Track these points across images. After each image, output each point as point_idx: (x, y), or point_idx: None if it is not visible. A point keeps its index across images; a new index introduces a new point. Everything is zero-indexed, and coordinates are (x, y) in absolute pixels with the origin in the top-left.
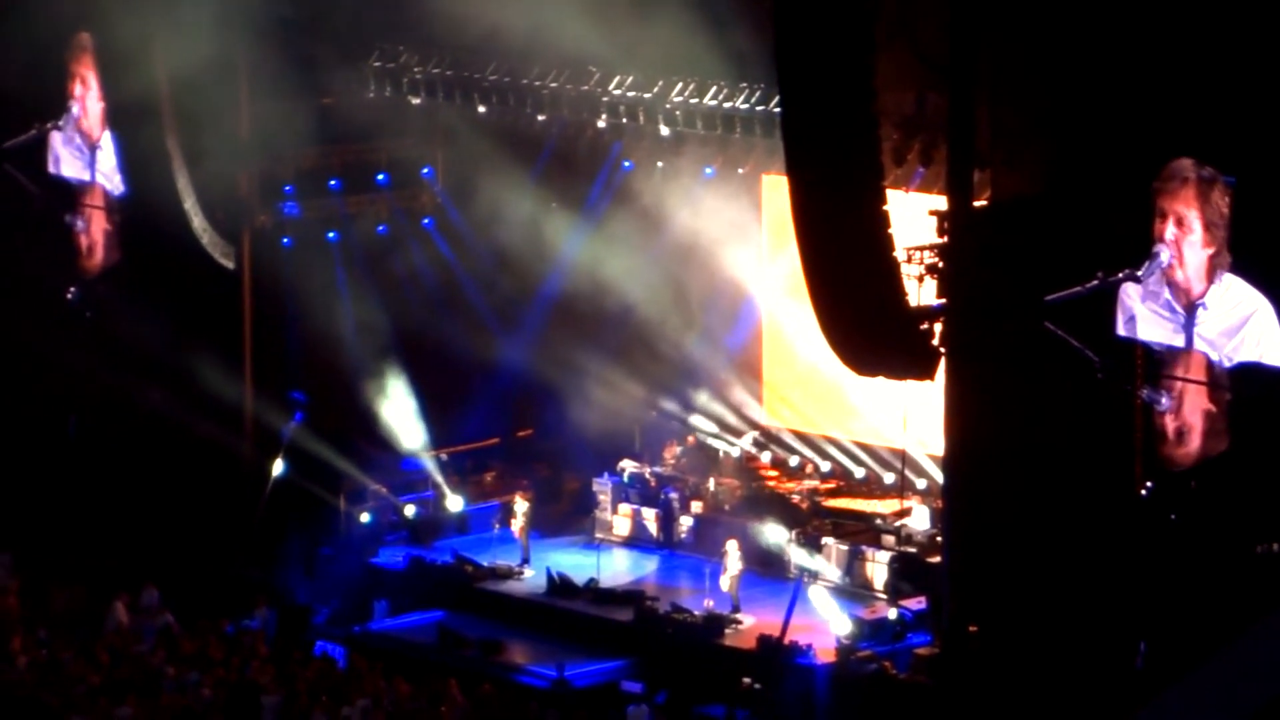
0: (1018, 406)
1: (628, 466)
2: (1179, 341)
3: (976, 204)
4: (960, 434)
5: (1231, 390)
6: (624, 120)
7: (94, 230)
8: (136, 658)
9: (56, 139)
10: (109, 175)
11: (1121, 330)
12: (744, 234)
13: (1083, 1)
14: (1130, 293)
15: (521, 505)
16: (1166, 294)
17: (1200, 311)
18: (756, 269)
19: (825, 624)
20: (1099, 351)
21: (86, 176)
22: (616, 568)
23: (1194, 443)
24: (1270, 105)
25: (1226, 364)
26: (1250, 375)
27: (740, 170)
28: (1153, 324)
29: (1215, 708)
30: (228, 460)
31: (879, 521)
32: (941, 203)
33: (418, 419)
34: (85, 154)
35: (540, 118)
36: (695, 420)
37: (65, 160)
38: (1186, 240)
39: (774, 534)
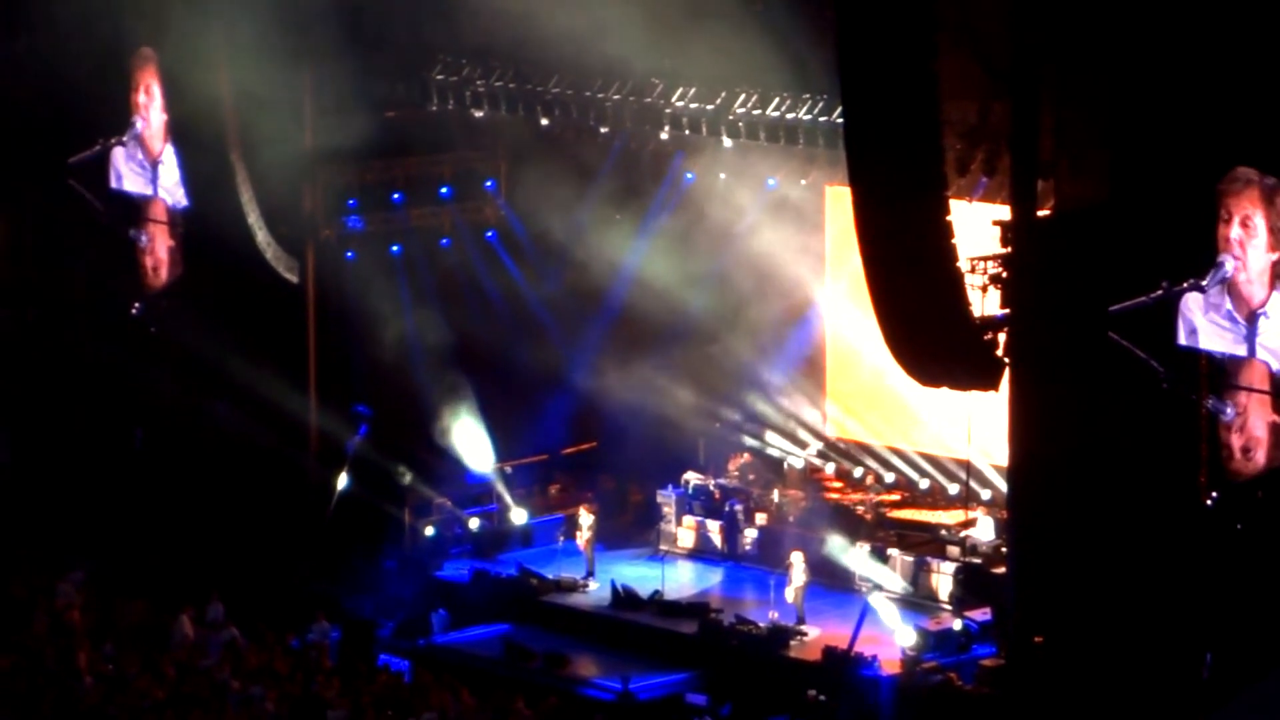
0: (1082, 417)
1: (692, 478)
2: (1241, 351)
3: (1040, 214)
4: (1025, 444)
5: None
6: (686, 132)
7: (158, 245)
8: (202, 672)
9: (118, 155)
10: (171, 190)
11: (1183, 341)
12: (807, 245)
13: (1145, 10)
14: (1191, 305)
15: (586, 518)
16: (1228, 304)
17: (1262, 321)
18: (820, 280)
19: (890, 635)
20: (1163, 361)
21: (149, 191)
22: (681, 580)
23: (1260, 456)
24: None
25: None
26: None
27: (803, 181)
28: (1214, 335)
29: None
30: (292, 474)
31: (944, 532)
32: (1005, 213)
33: (481, 432)
34: (147, 169)
35: (603, 130)
36: (759, 431)
37: (127, 176)
38: (1251, 243)
39: (839, 546)
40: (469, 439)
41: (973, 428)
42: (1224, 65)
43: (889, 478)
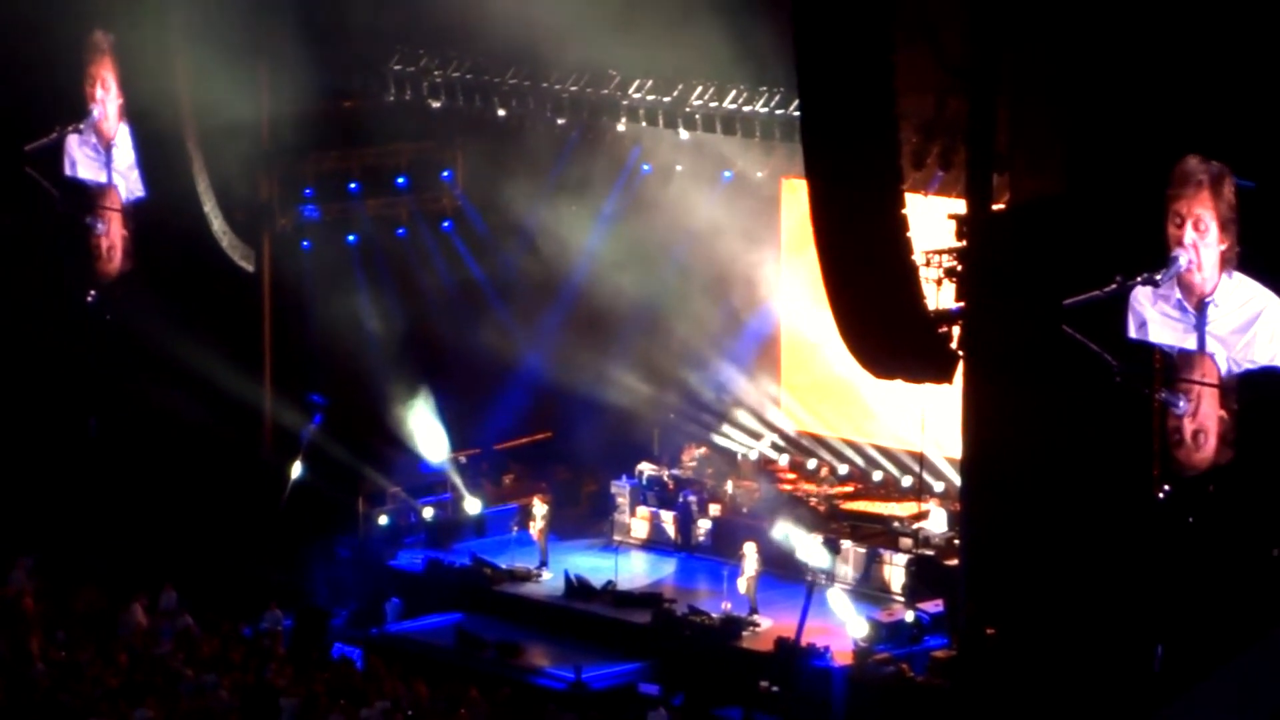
0: (1035, 410)
1: (646, 469)
2: (1190, 343)
3: (995, 208)
4: (978, 437)
5: (1241, 398)
6: (643, 124)
7: (113, 233)
8: (155, 659)
9: (73, 141)
10: (125, 175)
11: (1133, 334)
12: (763, 238)
13: (1100, 4)
14: (1140, 298)
15: (540, 508)
16: (1177, 294)
17: (1210, 309)
18: (775, 272)
19: (842, 626)
20: (1117, 355)
21: (103, 178)
22: (634, 570)
23: (1210, 446)
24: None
25: (1236, 368)
26: (1262, 381)
27: (759, 174)
28: (1163, 327)
29: (1232, 711)
30: (247, 462)
31: (896, 524)
32: (960, 206)
33: (436, 421)
34: (100, 155)
35: (560, 121)
36: (713, 423)
37: (81, 163)
38: (1204, 240)
39: (792, 537)
40: (424, 428)
41: (926, 420)
42: (1177, 58)
43: (842, 469)
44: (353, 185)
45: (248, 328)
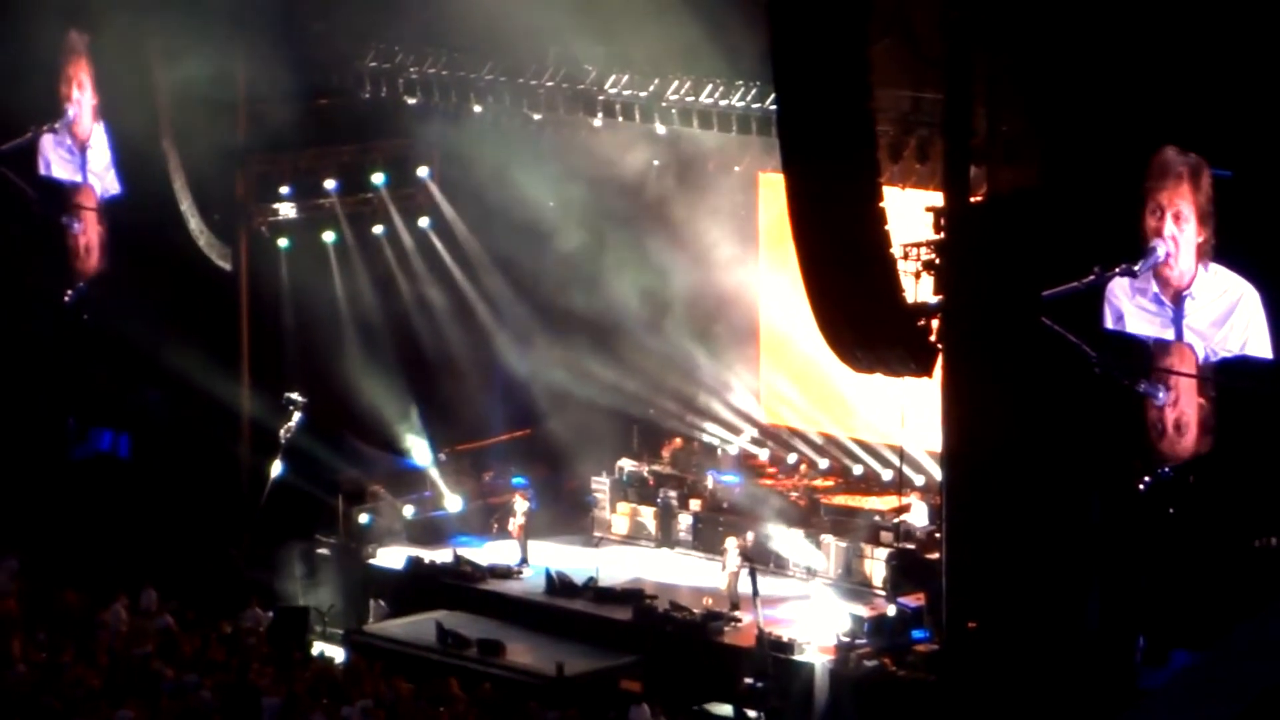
0: (1015, 402)
1: (626, 465)
2: (1169, 335)
3: (973, 200)
4: (958, 430)
5: (1219, 388)
6: (620, 119)
7: (89, 232)
8: (136, 660)
9: (47, 141)
10: (100, 175)
11: (1110, 326)
12: (741, 232)
13: None
14: (1117, 290)
15: (520, 505)
16: (1154, 287)
17: (1188, 302)
18: (754, 267)
19: (825, 621)
20: (1095, 346)
21: (78, 178)
22: (615, 566)
23: (1190, 435)
24: (1256, 96)
25: (1214, 357)
26: (1238, 371)
27: (736, 168)
28: (1141, 319)
29: (1211, 700)
30: (226, 461)
31: (877, 518)
32: (938, 199)
33: (416, 419)
34: (76, 155)
35: (536, 116)
36: (693, 418)
37: (55, 162)
38: (1183, 233)
39: (773, 532)
40: (403, 427)
41: (906, 414)
42: (1153, 48)
43: (823, 464)
44: (330, 183)
45: (225, 327)
